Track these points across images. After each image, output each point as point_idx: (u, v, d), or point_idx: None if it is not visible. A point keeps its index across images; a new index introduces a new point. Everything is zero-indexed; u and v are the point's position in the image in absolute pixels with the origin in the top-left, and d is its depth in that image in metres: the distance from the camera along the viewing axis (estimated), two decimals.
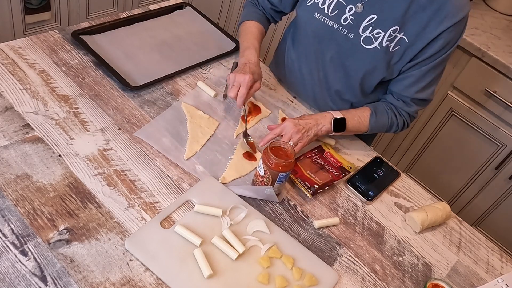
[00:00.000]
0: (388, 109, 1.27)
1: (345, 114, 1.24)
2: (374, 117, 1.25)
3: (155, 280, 0.90)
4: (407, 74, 1.21)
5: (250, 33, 1.32)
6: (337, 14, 1.19)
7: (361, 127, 1.26)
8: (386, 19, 1.15)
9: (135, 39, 1.39)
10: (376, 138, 2.30)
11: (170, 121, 1.20)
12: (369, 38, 1.17)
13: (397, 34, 1.15)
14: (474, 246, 1.18)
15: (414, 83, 1.21)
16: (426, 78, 1.20)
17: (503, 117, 1.83)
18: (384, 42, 1.16)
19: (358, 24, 1.18)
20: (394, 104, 1.27)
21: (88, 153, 1.06)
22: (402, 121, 1.29)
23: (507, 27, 1.94)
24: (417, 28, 1.13)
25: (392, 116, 1.27)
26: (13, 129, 1.06)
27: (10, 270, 0.84)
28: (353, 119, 1.24)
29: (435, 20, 1.11)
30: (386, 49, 1.17)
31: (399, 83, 1.24)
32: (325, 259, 1.04)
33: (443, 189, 2.12)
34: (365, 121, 1.25)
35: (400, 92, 1.24)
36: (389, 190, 1.24)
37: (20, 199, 0.94)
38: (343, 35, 1.20)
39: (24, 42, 1.26)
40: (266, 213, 1.08)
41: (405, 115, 1.28)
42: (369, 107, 1.27)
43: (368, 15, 1.16)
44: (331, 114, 1.22)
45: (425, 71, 1.19)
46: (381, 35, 1.16)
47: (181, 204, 1.03)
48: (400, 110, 1.27)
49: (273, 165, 1.03)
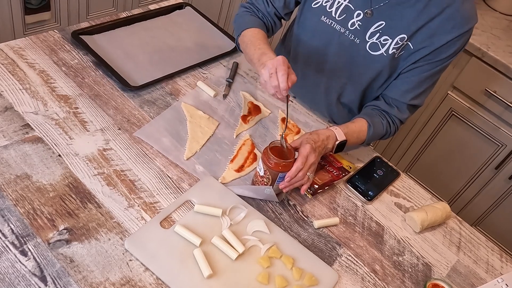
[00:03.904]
0: (383, 119, 1.24)
1: (346, 131, 1.16)
2: (371, 130, 1.20)
3: (155, 280, 0.90)
4: (405, 80, 1.20)
5: (259, 39, 1.19)
6: (345, 18, 1.18)
7: (358, 142, 1.22)
8: (394, 26, 1.14)
9: (135, 39, 1.39)
10: None
11: (170, 121, 1.20)
12: (375, 44, 1.16)
13: (404, 42, 1.14)
14: (474, 246, 1.18)
15: (412, 89, 1.20)
16: (424, 85, 1.20)
17: (503, 117, 1.83)
18: (391, 49, 1.15)
19: (365, 30, 1.17)
20: (387, 111, 1.24)
21: (88, 153, 1.06)
22: (394, 129, 1.26)
23: (507, 27, 1.94)
24: (424, 36, 1.12)
25: (387, 125, 1.24)
26: (13, 129, 1.06)
27: (10, 270, 0.84)
28: (352, 136, 1.18)
29: (443, 29, 1.10)
30: (392, 56, 1.16)
31: (396, 88, 1.22)
32: (325, 259, 1.04)
33: (443, 189, 2.12)
34: (363, 136, 1.21)
35: (396, 97, 1.22)
36: (389, 190, 1.24)
37: (20, 199, 0.94)
38: (349, 39, 1.19)
39: (24, 42, 1.26)
40: (266, 213, 1.08)
41: (397, 122, 1.26)
42: (365, 119, 1.21)
43: (377, 21, 1.15)
44: (335, 135, 1.14)
45: (425, 78, 1.18)
46: (388, 42, 1.15)
47: (181, 204, 1.03)
48: (394, 117, 1.25)
49: (273, 165, 1.03)
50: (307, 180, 1.07)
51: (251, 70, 1.44)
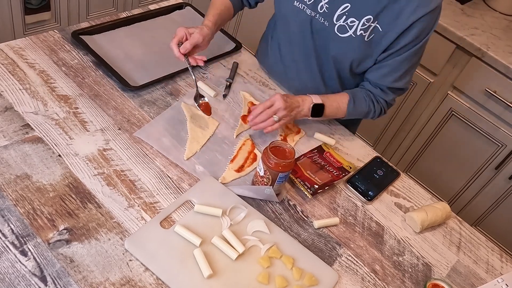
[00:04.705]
0: (367, 97, 1.29)
1: (324, 99, 1.25)
2: (352, 103, 1.27)
3: (155, 280, 0.90)
4: (382, 64, 1.23)
5: (216, 8, 1.32)
6: (314, 2, 1.21)
7: (339, 113, 1.28)
8: (359, 8, 1.16)
9: (135, 39, 1.39)
10: (376, 138, 2.30)
11: (170, 121, 1.20)
12: (343, 26, 1.19)
13: (371, 24, 1.17)
14: (474, 246, 1.18)
15: (389, 72, 1.23)
16: (402, 68, 1.22)
17: (503, 117, 1.83)
18: (358, 31, 1.18)
19: (332, 13, 1.19)
20: (372, 91, 1.29)
21: (88, 153, 1.06)
22: (380, 108, 1.31)
23: (507, 27, 1.94)
24: (390, 18, 1.15)
25: (370, 103, 1.29)
26: (13, 129, 1.06)
27: (10, 270, 0.84)
28: (331, 105, 1.26)
29: (407, 10, 1.12)
30: (361, 38, 1.18)
31: (375, 72, 1.26)
32: (325, 259, 1.04)
33: (443, 189, 2.12)
34: (343, 107, 1.27)
35: (376, 81, 1.26)
36: (389, 190, 1.24)
37: (20, 199, 0.94)
38: (320, 23, 1.22)
39: (24, 42, 1.26)
40: (266, 213, 1.08)
41: (382, 102, 1.30)
42: (348, 93, 1.29)
43: (342, 3, 1.17)
44: (311, 99, 1.24)
45: (400, 61, 1.21)
46: (355, 24, 1.17)
47: (181, 204, 1.03)
48: (378, 97, 1.29)
49: (273, 165, 1.03)
50: (272, 122, 1.17)
51: (251, 70, 1.44)
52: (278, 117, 1.17)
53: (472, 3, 2.02)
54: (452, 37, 1.84)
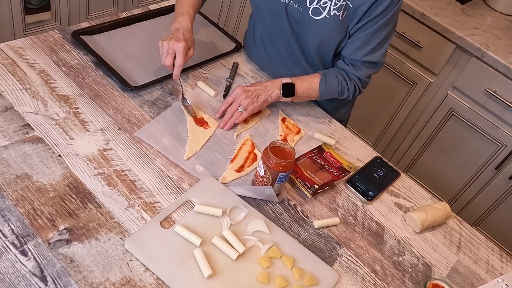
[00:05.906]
0: (338, 74, 1.30)
1: (295, 80, 1.28)
2: (324, 82, 1.29)
3: (155, 280, 0.90)
4: (354, 37, 1.24)
5: (186, 0, 1.32)
6: None
7: (312, 92, 1.30)
8: None
9: (135, 39, 1.39)
10: (376, 138, 2.30)
11: (170, 121, 1.20)
12: (317, 9, 1.21)
13: (342, 2, 1.18)
14: (474, 246, 1.18)
15: (362, 45, 1.24)
16: (374, 40, 1.23)
17: (503, 117, 1.83)
18: (332, 11, 1.19)
19: None
20: (344, 69, 1.30)
21: (88, 153, 1.06)
22: (353, 86, 1.32)
23: (507, 27, 1.94)
24: None
25: (342, 81, 1.30)
26: (13, 129, 1.06)
27: (10, 270, 0.84)
28: (302, 84, 1.28)
29: None
30: (335, 17, 1.20)
31: (348, 46, 1.27)
32: (325, 259, 1.04)
33: (443, 189, 2.12)
34: (315, 86, 1.29)
35: (350, 55, 1.27)
36: (389, 190, 1.24)
37: (20, 199, 0.94)
38: (295, 9, 1.24)
39: (24, 42, 1.26)
40: (266, 213, 1.08)
41: (355, 79, 1.32)
42: (319, 73, 1.31)
43: None
44: (280, 80, 1.26)
45: (372, 33, 1.22)
46: (328, 4, 1.19)
47: (181, 204, 1.03)
48: (350, 74, 1.31)
49: (273, 165, 1.03)
50: (239, 115, 1.22)
51: (251, 70, 1.44)
52: (243, 107, 1.21)
53: (472, 3, 2.03)
54: (452, 37, 1.84)
